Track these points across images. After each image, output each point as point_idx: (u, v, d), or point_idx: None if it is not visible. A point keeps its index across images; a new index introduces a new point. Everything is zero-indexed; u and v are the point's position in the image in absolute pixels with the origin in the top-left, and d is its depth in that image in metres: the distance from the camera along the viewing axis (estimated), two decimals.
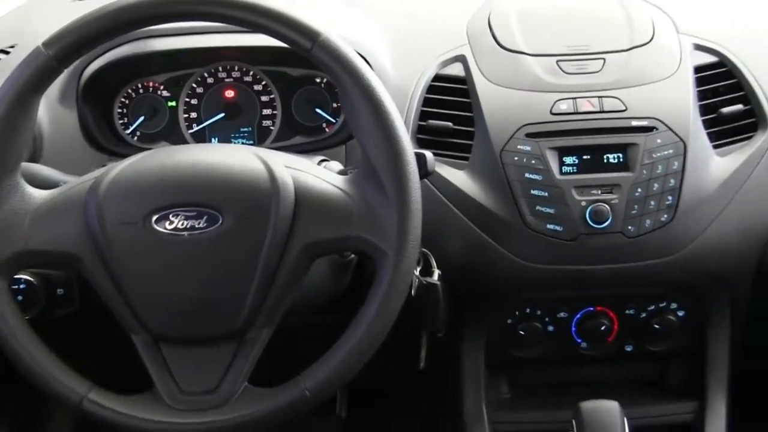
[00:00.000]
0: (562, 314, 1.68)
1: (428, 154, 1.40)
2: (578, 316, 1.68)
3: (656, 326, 1.68)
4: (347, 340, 1.31)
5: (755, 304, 1.70)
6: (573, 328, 1.69)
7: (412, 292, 1.49)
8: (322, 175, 1.35)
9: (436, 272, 1.53)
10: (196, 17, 1.32)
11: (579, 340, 1.70)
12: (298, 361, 1.34)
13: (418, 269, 1.51)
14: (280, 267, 1.31)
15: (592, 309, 1.68)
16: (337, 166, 1.54)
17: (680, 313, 1.68)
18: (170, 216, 1.29)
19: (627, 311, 1.68)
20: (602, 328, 1.67)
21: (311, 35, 1.31)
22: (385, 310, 1.30)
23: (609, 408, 1.48)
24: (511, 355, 1.72)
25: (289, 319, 1.44)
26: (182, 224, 1.29)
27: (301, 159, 1.40)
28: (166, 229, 1.29)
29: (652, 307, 1.68)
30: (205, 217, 1.29)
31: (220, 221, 1.29)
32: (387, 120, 1.31)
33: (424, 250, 1.51)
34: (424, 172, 1.39)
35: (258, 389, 1.33)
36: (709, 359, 1.70)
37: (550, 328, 1.69)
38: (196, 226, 1.29)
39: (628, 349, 1.71)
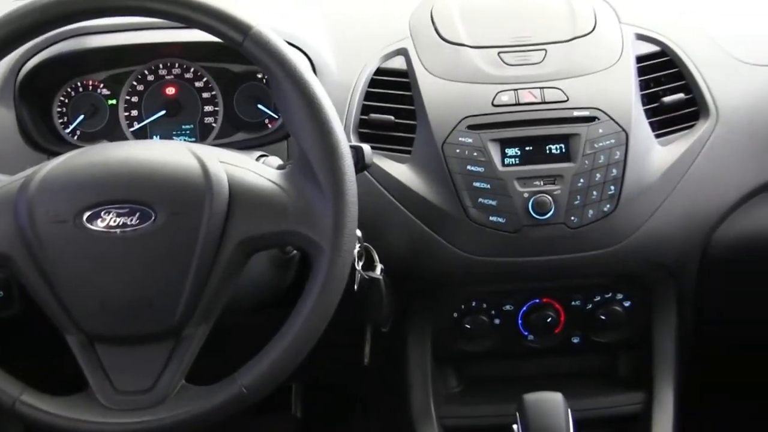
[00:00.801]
0: (507, 307, 1.68)
1: (365, 147, 1.39)
2: (524, 308, 1.68)
3: (602, 317, 1.67)
4: (284, 336, 1.30)
5: (701, 294, 1.70)
6: (519, 321, 1.68)
7: (355, 287, 1.49)
8: (257, 170, 1.34)
9: (379, 267, 1.52)
10: (124, 12, 1.31)
11: (526, 333, 1.69)
12: (242, 359, 1.33)
13: (361, 264, 1.50)
14: (215, 263, 1.29)
15: (537, 301, 1.67)
16: (276, 161, 1.52)
17: (626, 304, 1.68)
18: (102, 213, 1.28)
19: (573, 302, 1.67)
20: (548, 320, 1.66)
21: (242, 28, 1.30)
22: (322, 305, 1.29)
23: (552, 400, 1.47)
24: (458, 348, 1.71)
25: (231, 316, 1.43)
26: (114, 221, 1.28)
27: (237, 154, 1.39)
28: (98, 227, 1.27)
29: (598, 298, 1.67)
30: (137, 214, 1.28)
31: (153, 218, 1.28)
32: (320, 113, 1.30)
33: (366, 244, 1.50)
34: (362, 165, 1.39)
35: (195, 387, 1.31)
36: (656, 350, 1.70)
37: (497, 321, 1.68)
38: (129, 223, 1.27)
39: (575, 340, 1.71)
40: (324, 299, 1.29)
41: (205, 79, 1.72)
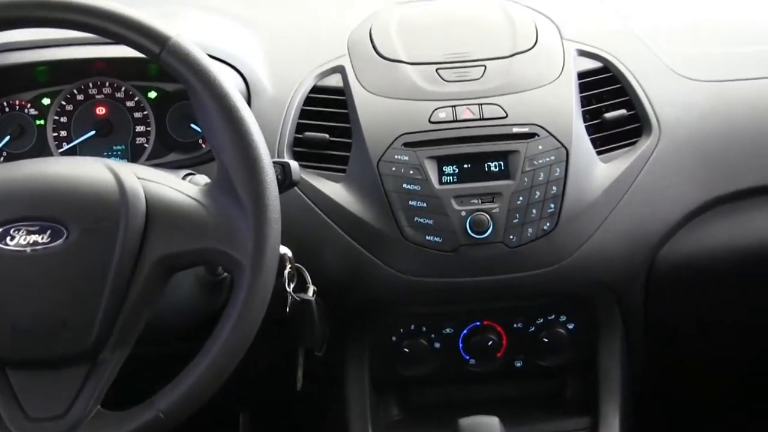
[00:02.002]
0: (447, 330, 1.63)
1: (293, 163, 1.35)
2: (464, 331, 1.63)
3: (545, 340, 1.63)
4: (203, 359, 1.25)
5: (648, 314, 1.65)
6: (460, 344, 1.64)
7: (287, 309, 1.44)
8: (176, 186, 1.29)
9: (311, 288, 1.47)
10: (36, 23, 1.26)
11: (467, 357, 1.64)
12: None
13: (292, 286, 1.45)
14: (132, 282, 1.24)
15: (478, 324, 1.63)
16: (203, 179, 1.47)
17: (570, 326, 1.63)
18: (11, 231, 1.22)
19: (515, 325, 1.63)
20: (489, 343, 1.61)
21: (160, 39, 1.26)
22: (242, 326, 1.24)
23: (488, 424, 1.42)
24: (397, 374, 1.65)
25: (159, 342, 1.39)
26: (24, 240, 1.22)
27: (157, 170, 1.34)
28: (7, 245, 1.22)
29: (541, 321, 1.63)
30: (48, 231, 1.23)
31: (66, 235, 1.23)
32: (241, 127, 1.26)
33: (298, 265, 1.45)
34: (290, 182, 1.35)
35: (110, 413, 1.26)
36: (601, 373, 1.65)
37: (437, 344, 1.63)
38: (40, 241, 1.22)
39: (518, 364, 1.66)
40: (244, 320, 1.24)
41: (136, 99, 1.67)
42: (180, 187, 1.29)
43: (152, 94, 1.67)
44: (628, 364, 1.66)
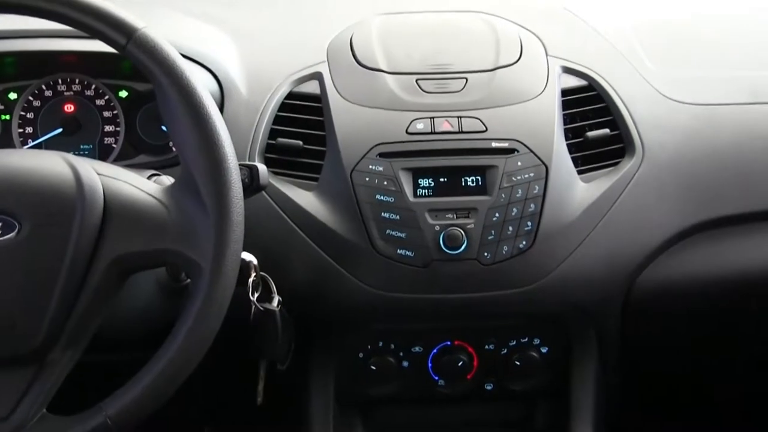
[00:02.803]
0: (416, 349, 1.58)
1: (261, 166, 1.31)
2: (434, 350, 1.58)
3: (517, 363, 1.58)
4: (155, 364, 1.20)
5: (625, 341, 1.60)
6: (429, 364, 1.59)
7: (250, 318, 1.40)
8: (137, 184, 1.25)
9: (276, 298, 1.43)
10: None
11: (436, 378, 1.60)
12: None
13: (256, 295, 1.40)
14: (85, 282, 1.20)
15: (449, 343, 1.58)
16: (169, 181, 1.42)
17: (543, 350, 1.59)
18: None
19: (486, 346, 1.58)
20: (460, 363, 1.57)
21: (126, 30, 1.22)
22: (199, 332, 1.19)
23: None
24: (363, 392, 1.61)
25: (117, 348, 1.37)
26: None
27: (118, 167, 1.29)
28: None
29: (513, 342, 1.58)
30: None
31: (17, 229, 1.19)
32: (207, 125, 1.21)
33: (263, 274, 1.41)
34: (257, 185, 1.31)
35: (55, 417, 1.21)
36: (573, 399, 1.60)
37: (405, 363, 1.59)
38: None
39: (488, 387, 1.61)
40: (201, 325, 1.19)
41: (106, 97, 1.62)
42: (141, 185, 1.25)
43: (123, 93, 1.63)
44: (602, 391, 1.61)
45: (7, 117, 1.61)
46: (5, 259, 1.18)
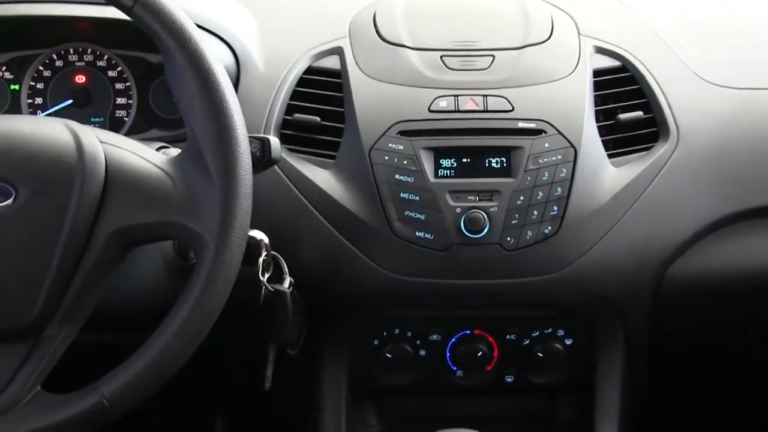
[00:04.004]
0: (434, 337, 1.51)
1: (273, 138, 1.26)
2: (453, 339, 1.52)
3: (540, 354, 1.51)
4: (154, 343, 1.14)
5: (654, 335, 1.53)
6: (447, 354, 1.52)
7: (260, 300, 1.34)
8: (141, 153, 1.20)
9: (288, 279, 1.37)
10: None
11: (454, 368, 1.53)
12: None
13: (267, 275, 1.34)
14: (84, 254, 1.15)
15: (468, 332, 1.51)
16: (177, 152, 1.36)
17: (567, 342, 1.52)
18: None
19: (508, 336, 1.51)
20: (479, 354, 1.50)
21: None
22: (202, 309, 1.14)
23: None
24: (377, 381, 1.55)
25: (122, 329, 1.32)
26: None
27: (123, 136, 1.24)
28: None
29: (536, 333, 1.51)
30: None
31: (13, 196, 1.14)
32: (214, 91, 1.16)
33: (274, 253, 1.35)
34: (269, 159, 1.26)
35: (49, 396, 1.16)
36: (598, 395, 1.53)
37: (422, 352, 1.52)
38: None
39: (509, 379, 1.54)
40: (204, 302, 1.14)
41: (119, 69, 1.57)
42: (145, 155, 1.20)
43: (136, 65, 1.57)
44: (628, 388, 1.54)
45: (17, 87, 1.56)
46: (0, 227, 1.12)
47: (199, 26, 1.42)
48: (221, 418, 2.07)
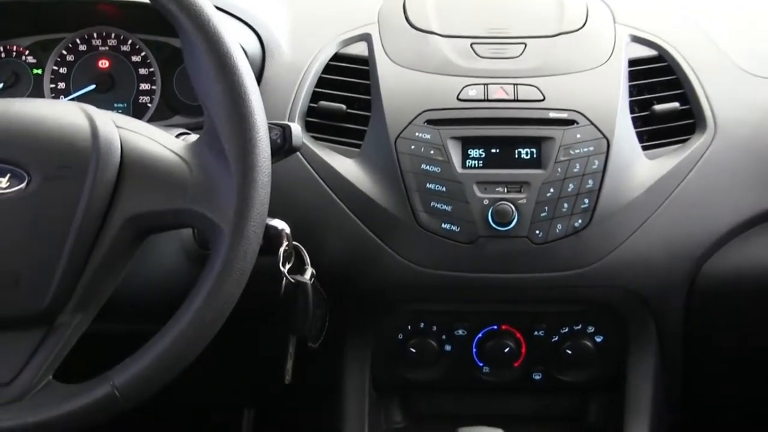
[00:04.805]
0: (460, 332, 1.48)
1: (294, 125, 1.22)
2: (479, 335, 1.48)
3: (569, 351, 1.47)
4: (167, 333, 1.11)
5: (688, 334, 1.48)
6: (474, 349, 1.48)
7: (281, 291, 1.30)
8: (158, 139, 1.17)
9: (309, 271, 1.33)
10: None
11: (480, 364, 1.49)
12: None
13: (288, 266, 1.30)
14: (98, 241, 1.12)
15: (495, 328, 1.47)
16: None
17: (597, 339, 1.47)
18: None
19: (536, 332, 1.47)
20: (506, 350, 1.46)
21: None
22: (216, 300, 1.10)
23: None
24: (401, 376, 1.51)
25: (139, 317, 1.28)
26: None
27: (140, 121, 1.21)
28: None
29: (565, 330, 1.47)
30: (8, 176, 1.11)
31: (27, 181, 1.11)
32: (233, 76, 1.13)
33: (296, 243, 1.31)
34: (289, 147, 1.22)
35: (60, 386, 1.13)
36: (630, 395, 1.48)
37: (447, 347, 1.48)
38: None
39: (537, 377, 1.50)
40: (219, 292, 1.10)
41: (143, 54, 1.55)
42: (162, 140, 1.17)
43: (160, 50, 1.55)
44: (661, 388, 1.49)
45: (39, 71, 1.55)
46: (12, 212, 1.10)
47: (224, 11, 1.40)
48: (249, 411, 2.05)
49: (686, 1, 1.63)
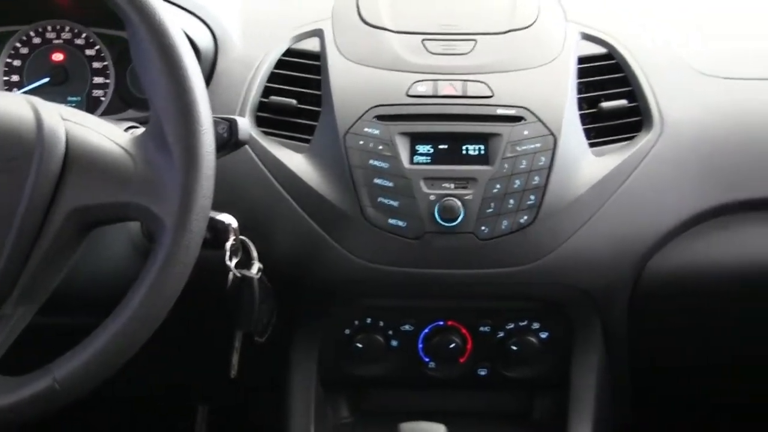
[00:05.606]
0: (406, 327, 1.47)
1: (241, 119, 1.23)
2: (426, 330, 1.48)
3: (514, 348, 1.47)
4: (109, 326, 1.11)
5: (633, 331, 1.49)
6: (419, 345, 1.48)
7: (227, 286, 1.31)
8: (104, 132, 1.17)
9: (256, 265, 1.33)
10: None
11: (426, 359, 1.49)
12: None
13: (235, 261, 1.30)
14: (41, 234, 1.12)
15: (441, 323, 1.47)
16: None
17: (543, 335, 1.48)
18: None
19: (481, 328, 1.47)
20: (452, 345, 1.46)
21: None
22: (158, 293, 1.11)
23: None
24: (348, 372, 1.51)
25: (86, 310, 1.25)
26: None
27: (87, 114, 1.21)
28: None
29: (511, 326, 1.47)
30: None
31: None
32: (177, 69, 1.13)
33: (242, 238, 1.31)
34: (236, 140, 1.23)
35: (2, 378, 1.12)
36: (573, 392, 1.48)
37: (394, 342, 1.48)
38: None
39: (482, 373, 1.50)
40: (161, 285, 1.10)
41: (97, 47, 1.55)
42: (108, 133, 1.17)
43: (114, 44, 1.55)
44: (607, 386, 1.50)
45: None
46: None
47: (175, 4, 1.40)
48: (203, 407, 2.05)
49: (636, 2, 1.63)
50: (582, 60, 1.48)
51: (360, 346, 1.47)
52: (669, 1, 1.66)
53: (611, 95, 1.47)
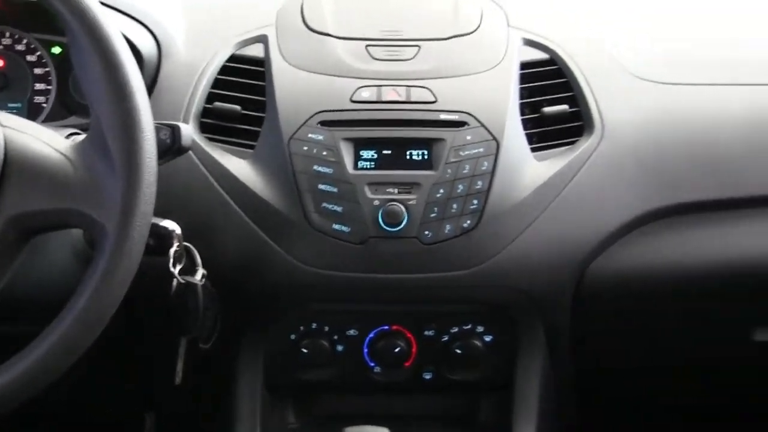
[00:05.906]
0: (351, 332, 1.48)
1: (183, 125, 1.23)
2: (371, 335, 1.48)
3: (458, 351, 1.48)
4: (50, 334, 1.10)
5: (576, 334, 1.51)
6: (365, 349, 1.49)
7: (171, 292, 1.30)
8: (44, 138, 1.16)
9: (200, 271, 1.33)
10: None
11: (371, 364, 1.49)
12: None
13: (179, 267, 1.30)
14: None
15: (386, 328, 1.48)
16: None
17: (487, 339, 1.48)
18: None
19: (426, 332, 1.48)
20: (397, 350, 1.47)
21: None
22: (99, 300, 1.10)
23: None
24: (294, 377, 1.50)
25: (27, 319, 1.22)
26: None
27: (26, 120, 1.20)
28: None
29: (455, 330, 1.48)
30: None
31: None
32: (118, 74, 1.12)
33: (186, 244, 1.31)
34: (179, 147, 1.22)
35: None
36: (517, 393, 1.49)
37: (339, 347, 1.48)
38: None
39: (427, 377, 1.50)
40: (103, 291, 1.10)
41: (38, 53, 1.53)
42: (48, 140, 1.16)
43: (56, 50, 1.53)
44: (551, 388, 1.51)
45: None
46: None
47: (117, 9, 1.39)
48: (150, 415, 2.04)
49: (579, 6, 1.65)
50: (524, 65, 1.50)
51: (306, 351, 1.47)
52: (611, 7, 1.67)
53: (553, 100, 1.48)
